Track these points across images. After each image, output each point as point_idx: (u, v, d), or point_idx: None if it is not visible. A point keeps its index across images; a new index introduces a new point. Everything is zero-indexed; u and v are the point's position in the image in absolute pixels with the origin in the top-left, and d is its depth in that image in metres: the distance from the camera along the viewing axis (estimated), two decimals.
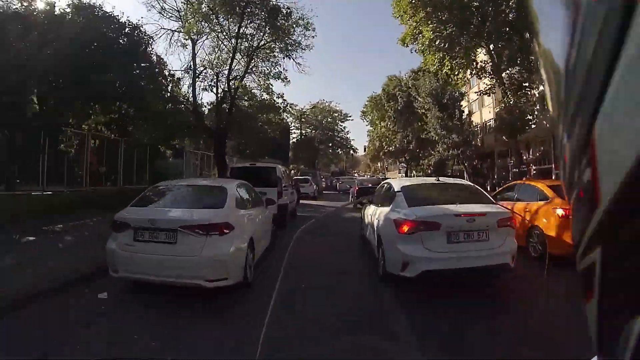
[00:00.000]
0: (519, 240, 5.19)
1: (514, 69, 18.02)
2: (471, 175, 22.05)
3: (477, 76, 20.96)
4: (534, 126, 17.10)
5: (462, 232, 4.38)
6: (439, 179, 5.74)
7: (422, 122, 25.08)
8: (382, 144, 38.17)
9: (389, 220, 4.76)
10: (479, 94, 23.55)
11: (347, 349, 3.11)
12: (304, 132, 45.58)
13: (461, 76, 20.33)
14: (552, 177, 15.95)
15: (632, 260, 0.28)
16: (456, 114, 20.77)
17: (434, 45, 18.81)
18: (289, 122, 43.74)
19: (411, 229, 4.42)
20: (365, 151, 57.93)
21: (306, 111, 42.96)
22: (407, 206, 4.73)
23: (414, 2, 18.12)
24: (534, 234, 6.02)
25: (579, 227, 0.36)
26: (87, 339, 3.22)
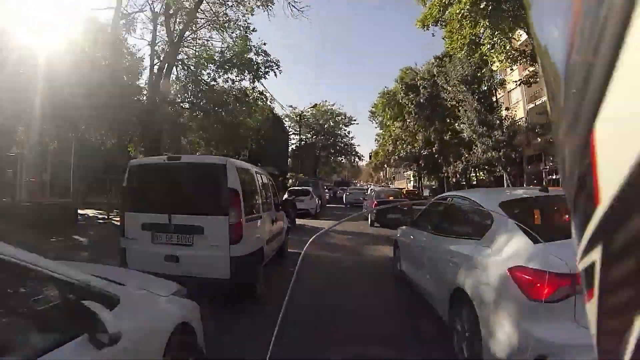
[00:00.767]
0: None
1: None
2: (512, 185, 17.68)
3: (514, 61, 16.98)
4: None
5: None
6: (547, 189, 3.33)
7: (449, 119, 20.50)
8: (397, 148, 31.98)
9: (496, 269, 2.52)
10: (518, 83, 19.43)
11: None
12: (303, 138, 40.87)
13: (502, 58, 16.08)
14: None
15: (632, 260, 0.28)
16: (497, 106, 16.32)
17: (471, 16, 14.66)
18: (287, 126, 39.31)
19: (561, 290, 2.13)
20: (370, 158, 53.50)
21: (306, 113, 38.35)
22: (532, 242, 2.39)
23: None
24: None
25: (578, 227, 0.36)
26: None
